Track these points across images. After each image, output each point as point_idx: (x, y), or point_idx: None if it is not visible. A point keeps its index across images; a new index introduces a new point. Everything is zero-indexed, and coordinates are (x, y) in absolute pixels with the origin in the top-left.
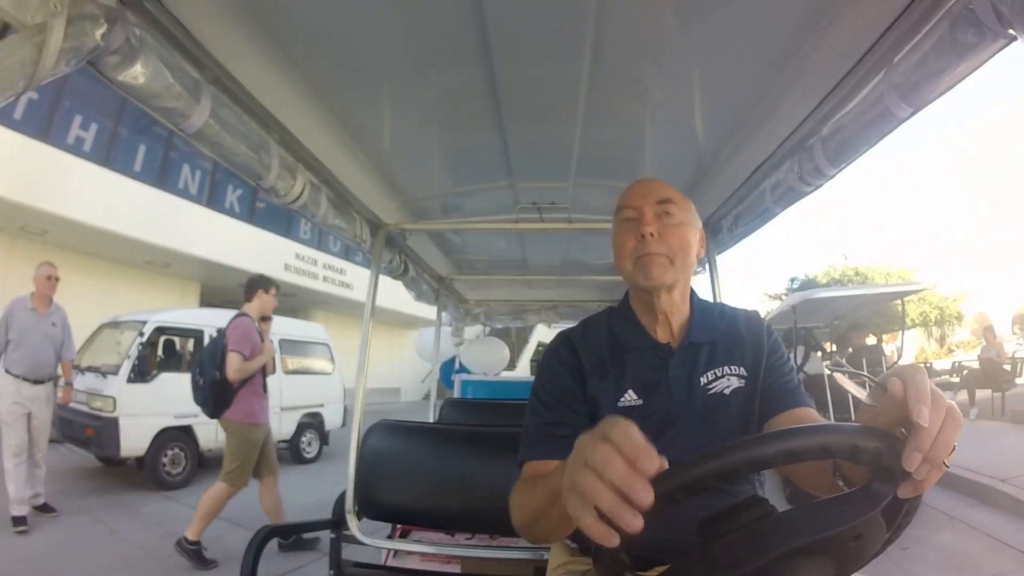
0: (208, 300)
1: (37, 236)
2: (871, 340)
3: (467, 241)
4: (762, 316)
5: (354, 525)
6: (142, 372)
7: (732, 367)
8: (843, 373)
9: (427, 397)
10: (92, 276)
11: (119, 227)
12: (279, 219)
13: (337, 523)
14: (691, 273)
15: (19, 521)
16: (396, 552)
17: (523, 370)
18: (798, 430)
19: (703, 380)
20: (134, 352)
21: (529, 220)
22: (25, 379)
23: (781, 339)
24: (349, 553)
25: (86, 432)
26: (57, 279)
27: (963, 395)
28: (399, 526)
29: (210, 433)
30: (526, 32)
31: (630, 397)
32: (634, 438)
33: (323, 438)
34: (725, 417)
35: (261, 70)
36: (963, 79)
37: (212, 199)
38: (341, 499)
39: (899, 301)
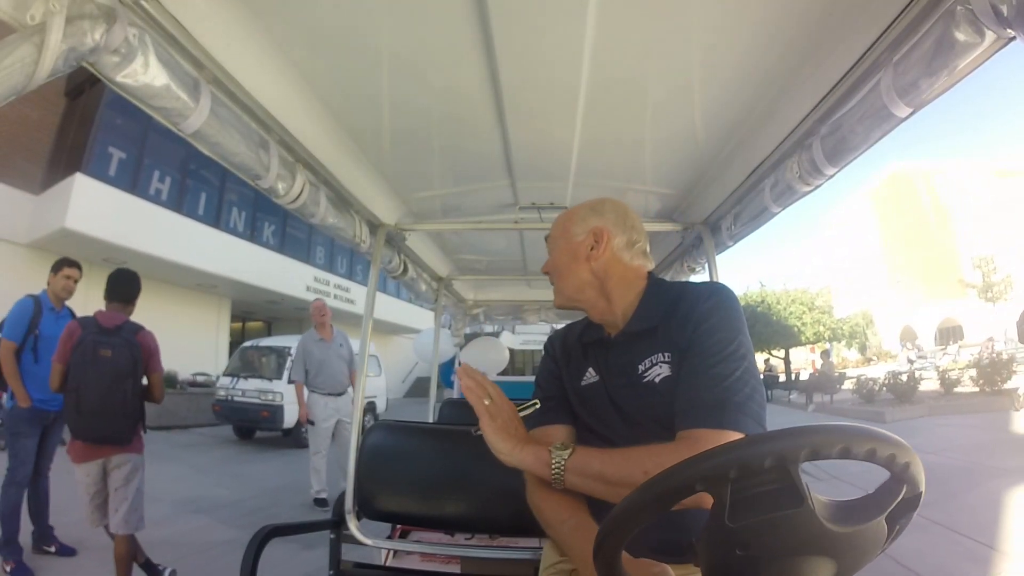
0: (235, 312)
1: (116, 265)
2: (779, 352)
3: (467, 241)
4: (727, 289)
5: (354, 525)
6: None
7: (664, 354)
8: None
9: (408, 395)
10: (153, 295)
11: (183, 259)
12: (301, 247)
13: (337, 523)
14: (586, 276)
15: (320, 502)
16: (396, 552)
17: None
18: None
19: (641, 368)
20: (287, 364)
21: (529, 220)
22: (329, 393)
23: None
24: (349, 553)
25: (262, 415)
26: (325, 312)
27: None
28: (399, 526)
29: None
30: (526, 32)
31: (590, 375)
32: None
33: (375, 419)
34: (653, 406)
35: (260, 70)
36: (962, 78)
37: (253, 234)
38: (341, 499)
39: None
